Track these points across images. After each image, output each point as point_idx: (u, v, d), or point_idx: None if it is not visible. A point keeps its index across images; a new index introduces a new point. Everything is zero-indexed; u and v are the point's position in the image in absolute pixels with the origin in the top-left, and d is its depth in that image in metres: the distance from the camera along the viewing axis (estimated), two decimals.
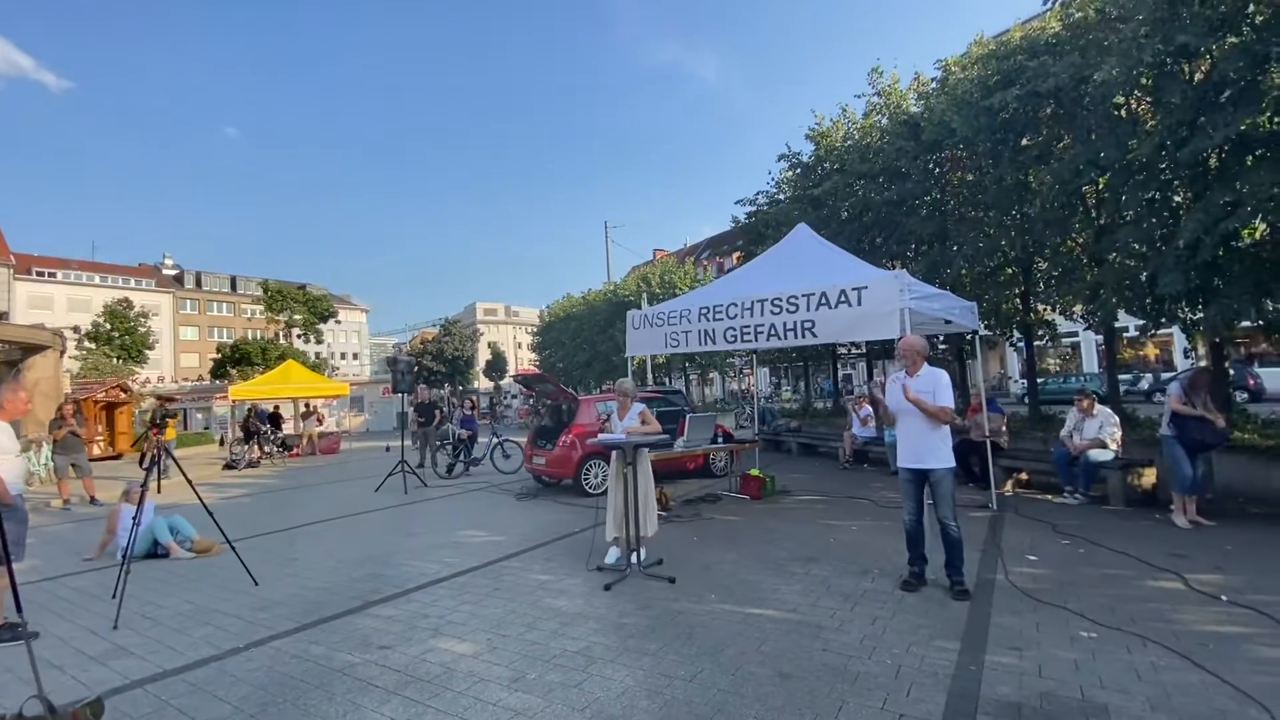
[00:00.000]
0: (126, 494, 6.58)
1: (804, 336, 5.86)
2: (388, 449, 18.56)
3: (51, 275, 57.00)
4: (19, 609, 3.33)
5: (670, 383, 30.35)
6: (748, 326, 6.16)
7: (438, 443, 13.77)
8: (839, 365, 19.62)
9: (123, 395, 22.22)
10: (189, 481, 5.59)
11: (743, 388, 42.32)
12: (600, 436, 5.55)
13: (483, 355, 61.82)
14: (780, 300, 5.91)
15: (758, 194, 16.14)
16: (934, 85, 12.43)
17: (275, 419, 18.31)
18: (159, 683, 3.51)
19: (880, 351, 16.08)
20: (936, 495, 4.51)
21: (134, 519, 5.17)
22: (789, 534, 6.33)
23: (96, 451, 18.83)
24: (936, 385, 4.47)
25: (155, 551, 6.34)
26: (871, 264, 7.88)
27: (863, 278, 5.83)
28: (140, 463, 12.49)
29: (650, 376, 16.09)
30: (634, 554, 5.19)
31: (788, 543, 5.99)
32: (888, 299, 5.51)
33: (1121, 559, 5.12)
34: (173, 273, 67.56)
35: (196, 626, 4.42)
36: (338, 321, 51.17)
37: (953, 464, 4.54)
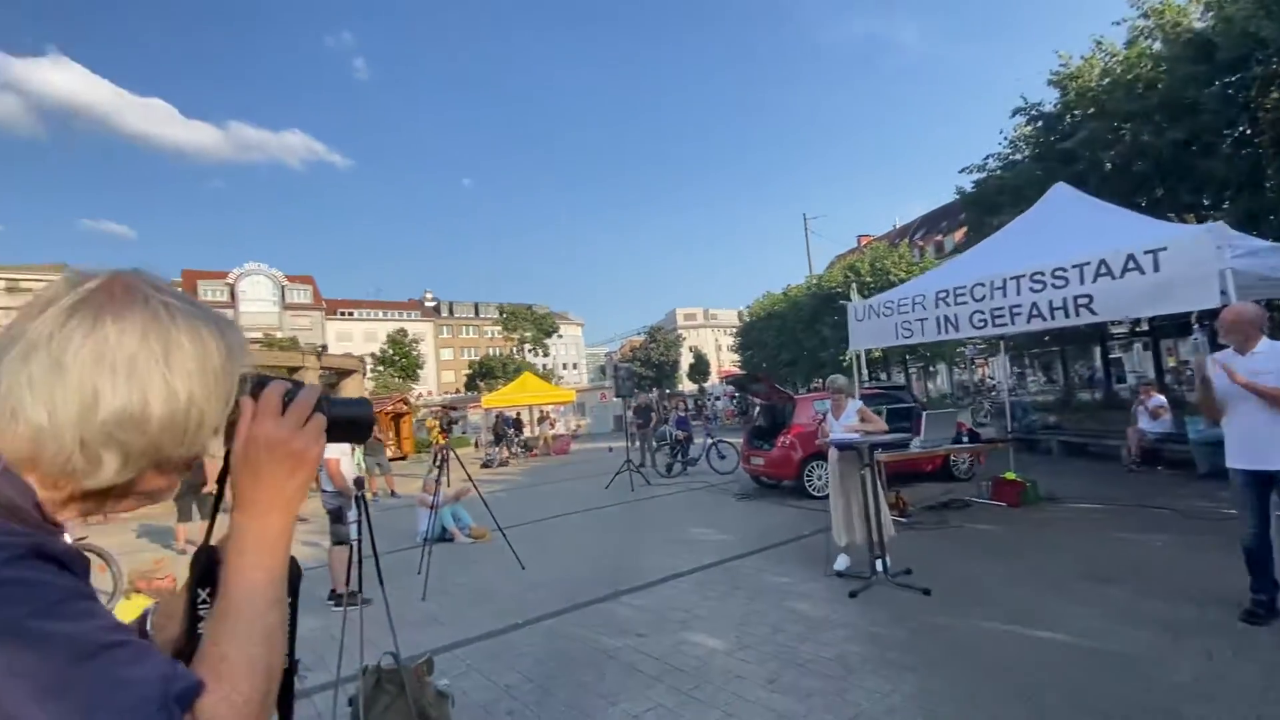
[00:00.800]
0: (424, 487, 7.95)
1: (1078, 314, 4.93)
2: (610, 449, 20.00)
3: (350, 314, 72.06)
4: (360, 581, 4.18)
5: (889, 377, 28.12)
6: (1000, 309, 5.37)
7: (654, 443, 14.45)
8: (1108, 348, 16.35)
9: (404, 407, 27.15)
10: (469, 478, 6.58)
11: (976, 379, 37.59)
12: (832, 437, 5.30)
13: (685, 359, 63.69)
14: (1043, 275, 5.05)
15: (987, 158, 14.25)
16: None
17: (518, 424, 20.86)
18: (463, 648, 4.16)
19: (1172, 327, 13.03)
20: None
21: (431, 508, 6.23)
22: (1068, 548, 5.40)
23: (389, 453, 23.29)
24: None
25: (443, 536, 7.57)
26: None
27: (1159, 237, 4.73)
28: (433, 461, 15.13)
29: (864, 372, 15.05)
30: (878, 561, 4.85)
31: (1067, 557, 5.11)
32: (1199, 260, 4.40)
33: None
34: (432, 305, 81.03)
35: (483, 601, 5.16)
36: (559, 336, 56.77)
37: None
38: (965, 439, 8.05)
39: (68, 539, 0.60)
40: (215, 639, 0.59)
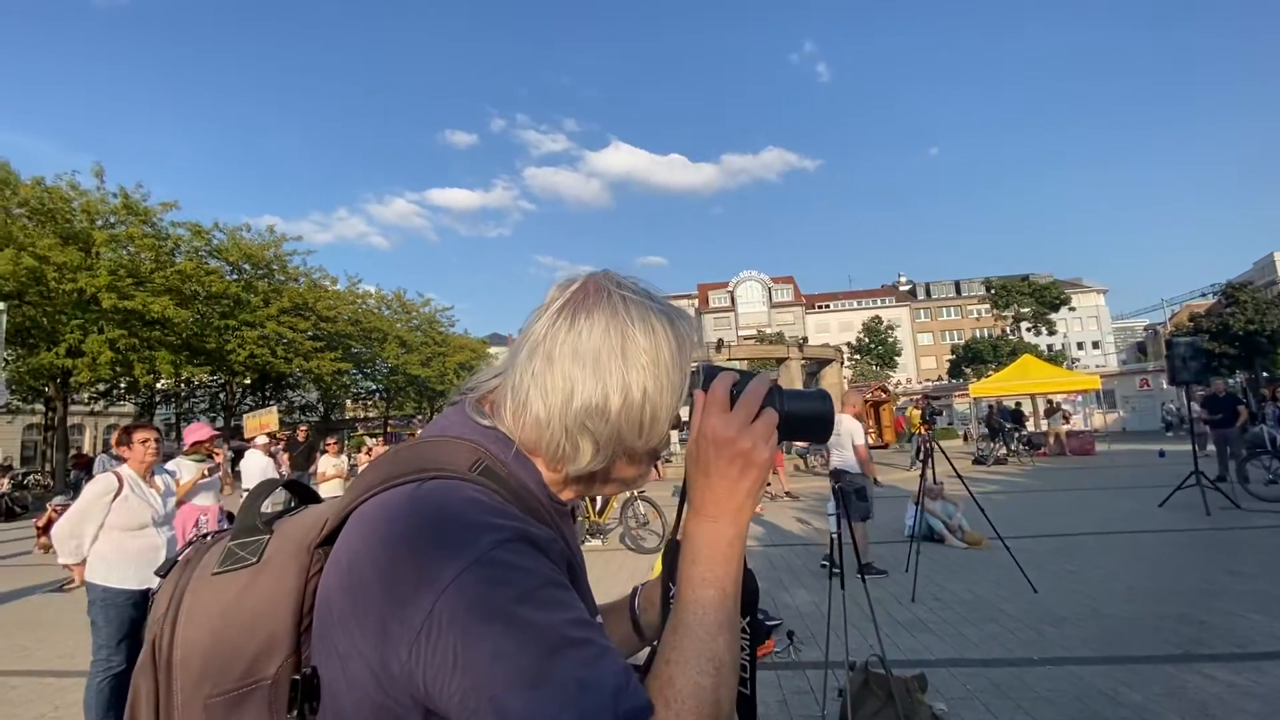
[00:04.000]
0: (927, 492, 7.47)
1: None
2: (1162, 454, 15.10)
3: (825, 307, 75.76)
4: (841, 564, 4.17)
5: None
6: None
7: (1243, 450, 10.07)
8: None
9: (883, 395, 26.85)
10: (958, 475, 5.92)
11: None
12: None
13: None
14: None
15: None
16: None
17: (1018, 416, 17.93)
18: (961, 669, 3.69)
19: None
20: None
21: (917, 503, 5.85)
22: None
23: (871, 440, 23.45)
24: None
25: (931, 535, 7.02)
26: None
27: None
28: (915, 454, 14.57)
29: None
30: None
31: None
32: None
33: None
34: (906, 288, 77.87)
35: (983, 621, 4.50)
36: (1071, 308, 46.34)
37: None
38: None
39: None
40: (666, 656, 0.56)
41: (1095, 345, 67.62)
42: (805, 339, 37.05)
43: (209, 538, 0.68)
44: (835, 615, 3.40)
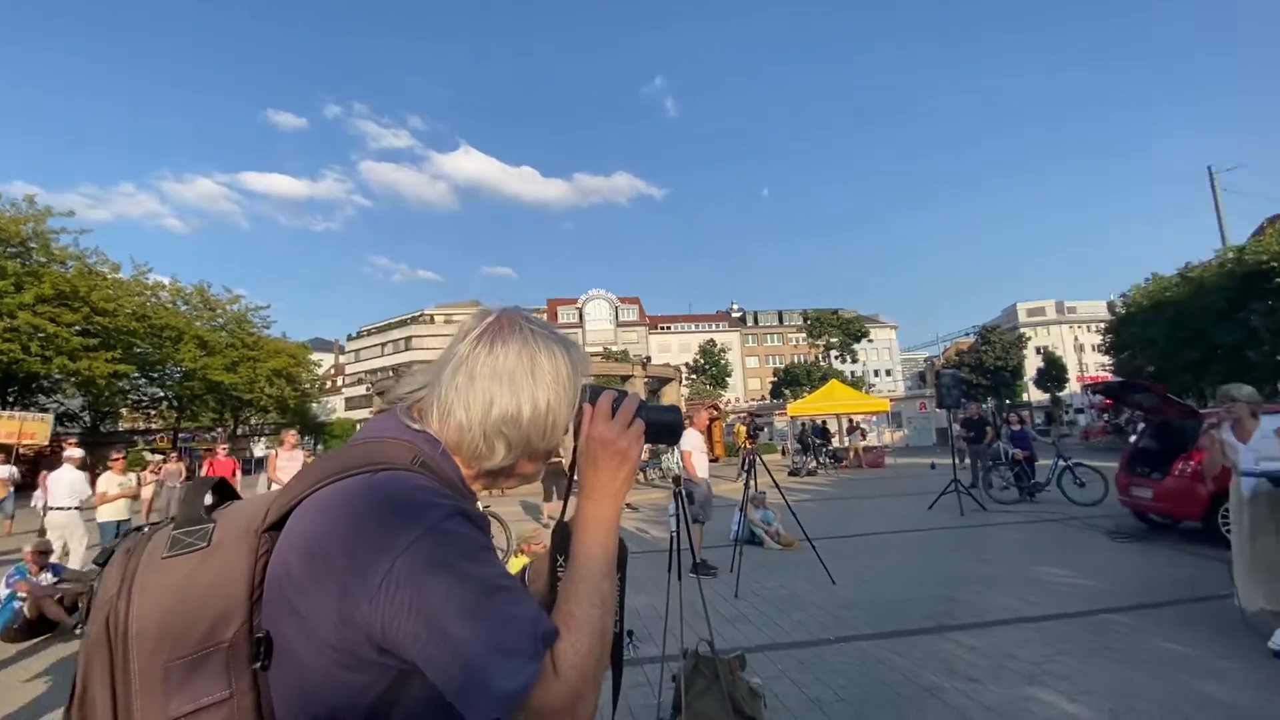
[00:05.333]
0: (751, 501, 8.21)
1: None
2: (933, 466, 18.03)
3: (668, 328, 79.83)
4: (679, 567, 4.59)
5: None
6: None
7: (989, 462, 12.50)
8: None
9: (715, 413, 28.90)
10: (776, 485, 6.69)
11: None
12: (1265, 465, 3.87)
13: (1031, 363, 53.55)
14: None
15: None
16: None
17: (826, 433, 20.34)
18: (774, 652, 4.23)
19: None
20: None
21: (741, 511, 6.51)
22: None
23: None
24: None
25: (753, 539, 7.81)
26: None
27: None
28: (741, 466, 15.86)
29: None
30: None
31: None
32: None
33: None
34: (738, 315, 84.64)
35: (793, 610, 5.16)
36: (869, 340, 53.56)
37: None
38: None
39: (479, 505, 0.85)
40: (565, 598, 0.75)
41: (888, 373, 78.65)
42: (649, 358, 38.67)
43: (145, 530, 0.76)
44: (674, 609, 3.73)
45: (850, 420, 22.97)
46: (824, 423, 22.02)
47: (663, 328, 79.79)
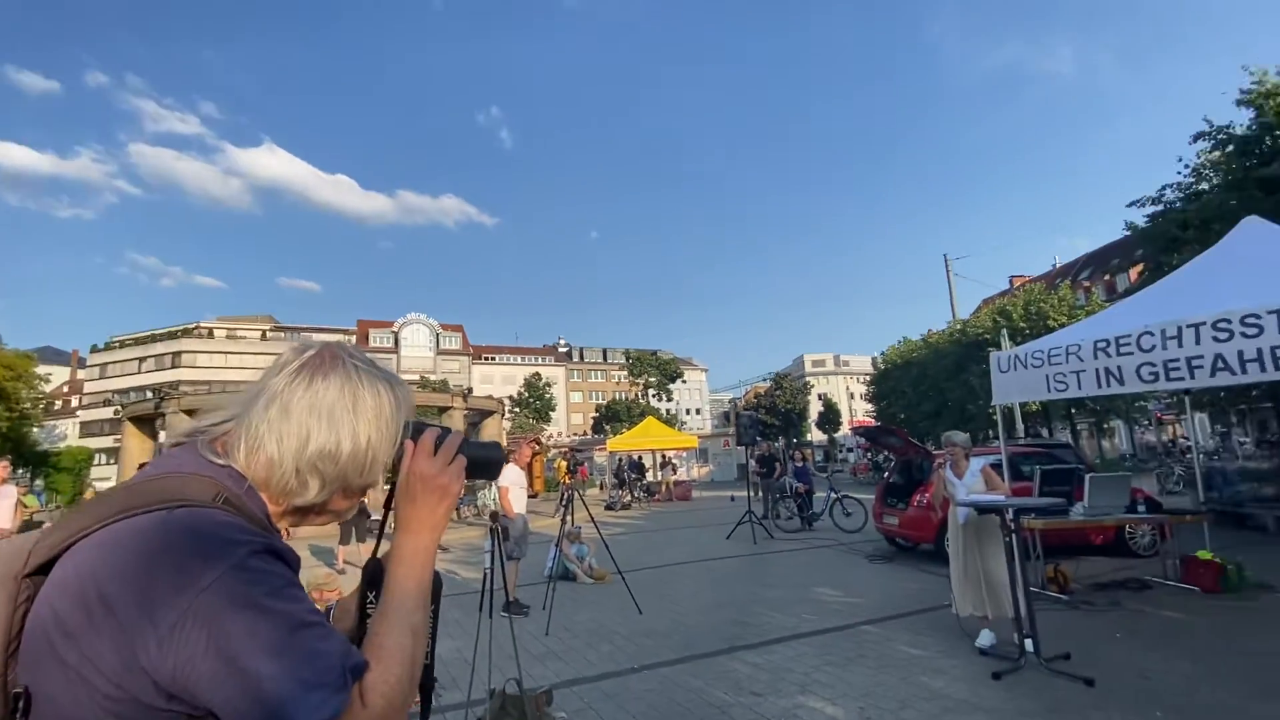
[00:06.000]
0: (567, 536, 8.20)
1: (1277, 369, 4.20)
2: (732, 499, 19.61)
3: (493, 359, 77.88)
4: (490, 606, 4.48)
5: (1051, 434, 25.08)
6: (1175, 360, 4.69)
7: (777, 495, 13.99)
8: None
9: (537, 448, 28.64)
10: (593, 520, 6.83)
11: (1165, 440, 32.38)
12: (973, 497, 4.89)
13: (814, 408, 61.22)
14: (1229, 322, 4.36)
15: (1163, 189, 12.68)
16: None
17: (640, 468, 21.18)
18: (580, 686, 4.28)
19: None
20: None
21: (557, 546, 6.53)
22: None
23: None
24: None
25: (566, 574, 7.84)
26: None
27: None
28: (560, 501, 15.81)
29: (1020, 426, 13.58)
30: (1027, 640, 4.33)
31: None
32: None
33: None
34: (564, 350, 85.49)
35: (601, 643, 5.27)
36: (683, 381, 57.26)
37: None
38: (1142, 508, 7.00)
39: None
40: (377, 630, 0.76)
41: (698, 411, 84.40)
42: (471, 389, 37.20)
43: None
44: (483, 651, 3.62)
45: (664, 456, 24.23)
46: (640, 458, 22.93)
47: (487, 358, 77.56)
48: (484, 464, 0.95)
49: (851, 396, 69.85)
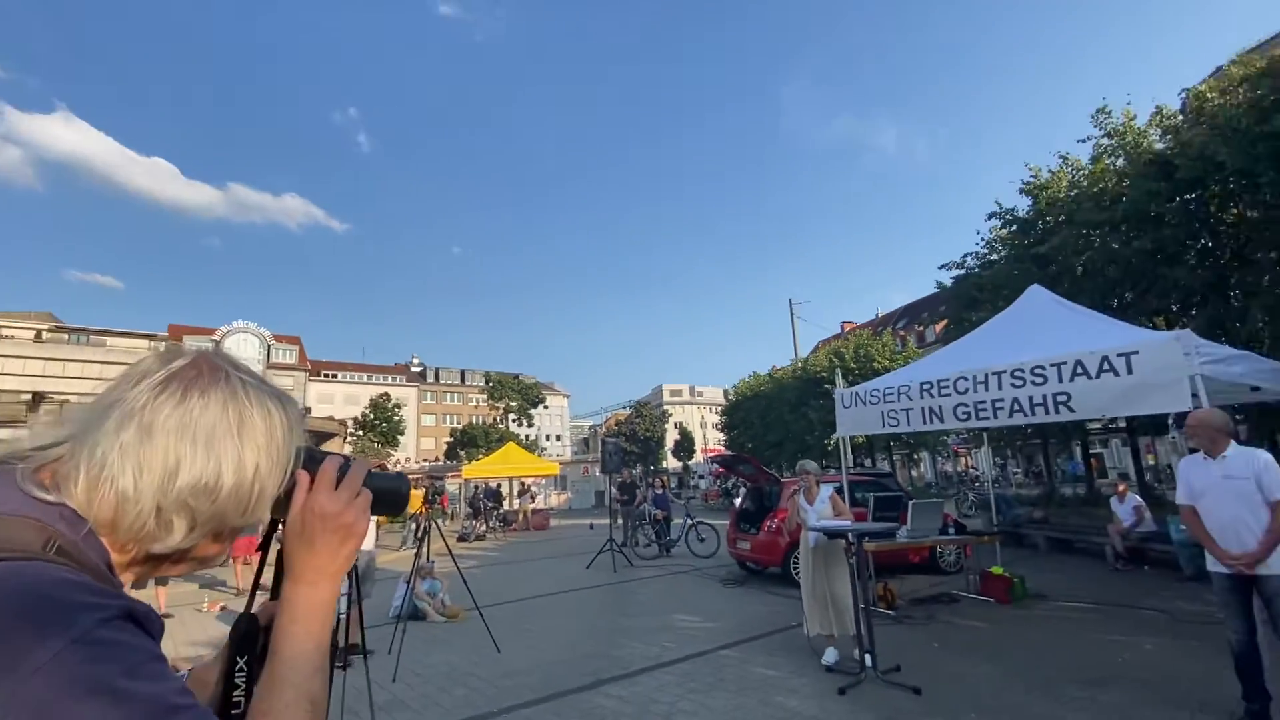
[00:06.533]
0: (418, 571, 7.51)
1: (1057, 411, 5.09)
2: (591, 527, 19.51)
3: (333, 376, 71.34)
4: (346, 643, 3.99)
5: (874, 463, 28.11)
6: (983, 402, 5.53)
7: (636, 522, 14.16)
8: (1088, 443, 16.62)
9: None
10: (450, 553, 6.39)
11: (959, 469, 37.60)
12: (822, 523, 5.29)
13: (670, 436, 63.33)
14: (1023, 371, 5.25)
15: (965, 256, 15.01)
16: (1182, 117, 10.77)
17: (497, 496, 20.37)
18: None
19: (1149, 425, 13.35)
20: (1272, 611, 3.48)
21: (408, 583, 6.01)
22: (1058, 648, 5.30)
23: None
24: (1259, 471, 3.55)
25: (415, 614, 7.24)
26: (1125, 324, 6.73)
27: (1131, 341, 4.97)
28: (414, 533, 14.63)
29: (849, 457, 15.08)
30: (867, 655, 4.73)
31: (1059, 659, 5.01)
32: (1168, 365, 4.62)
33: None
34: (418, 370, 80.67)
35: (456, 686, 4.90)
36: (546, 407, 56.49)
37: None
38: (951, 530, 8.02)
39: None
40: (267, 707, 0.62)
41: (558, 438, 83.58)
42: (308, 408, 33.62)
43: None
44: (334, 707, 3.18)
45: (523, 483, 23.55)
46: (498, 485, 22.08)
47: (328, 375, 70.87)
48: (390, 498, 0.83)
49: (705, 425, 73.37)
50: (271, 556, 0.81)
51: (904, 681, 4.49)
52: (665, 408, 72.14)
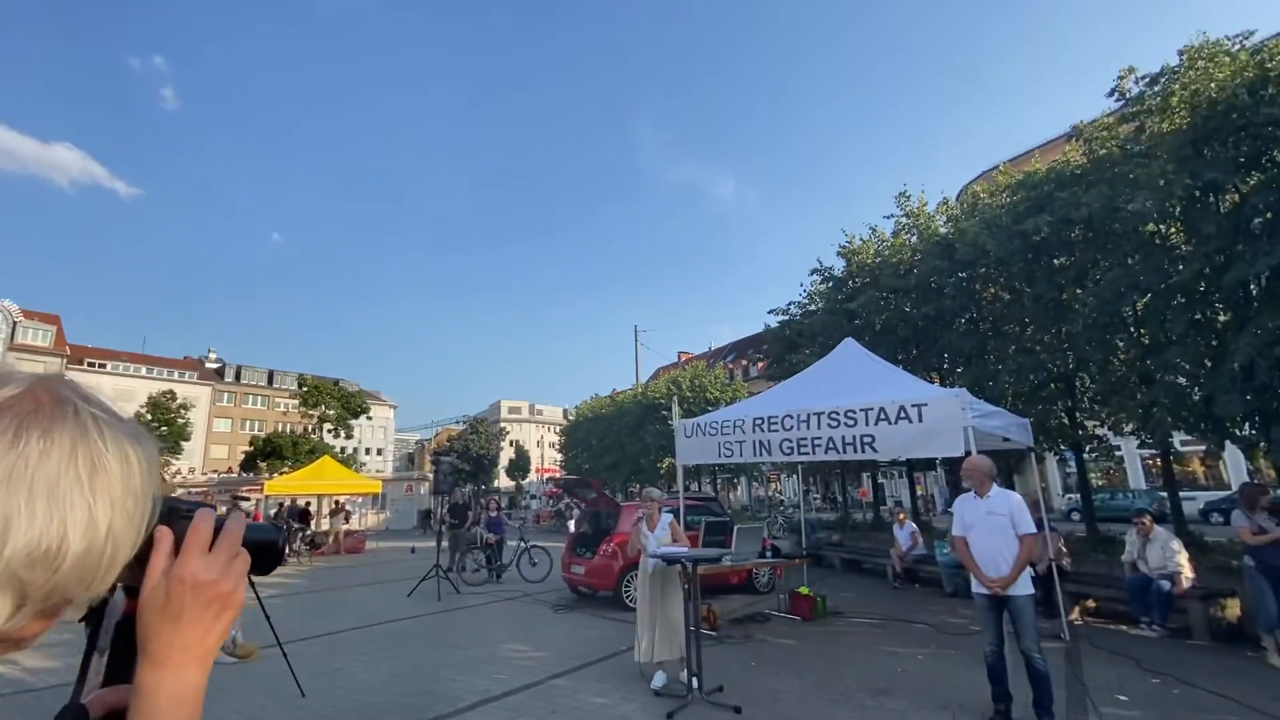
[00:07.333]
0: None
1: (864, 451, 5.87)
2: (413, 550, 18.23)
3: (101, 366, 59.48)
4: None
5: (700, 488, 29.77)
6: (805, 439, 6.20)
7: (465, 546, 13.53)
8: (876, 474, 19.23)
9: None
10: (252, 585, 5.58)
11: (769, 494, 41.19)
12: (660, 549, 5.48)
13: (506, 454, 61.71)
14: (838, 414, 5.99)
15: (790, 304, 16.69)
16: (959, 210, 13.15)
17: (305, 515, 18.26)
18: None
19: (921, 461, 15.77)
20: (1019, 625, 4.31)
21: None
22: (852, 661, 6.00)
23: None
24: (1013, 510, 4.39)
25: None
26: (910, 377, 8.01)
27: (922, 394, 5.92)
28: None
29: (680, 482, 15.86)
30: (693, 679, 4.96)
31: (853, 671, 5.67)
32: (950, 416, 5.56)
33: (1224, 703, 4.74)
34: (215, 366, 70.14)
35: None
36: (368, 417, 52.01)
37: (1034, 590, 4.38)
38: (769, 553, 8.75)
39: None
40: None
41: (379, 452, 77.31)
42: None
43: None
44: None
45: (336, 502, 21.34)
46: (307, 504, 19.78)
47: (93, 364, 58.86)
48: (264, 552, 0.71)
49: (543, 444, 72.52)
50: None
51: (726, 701, 4.78)
52: (503, 425, 70.23)
